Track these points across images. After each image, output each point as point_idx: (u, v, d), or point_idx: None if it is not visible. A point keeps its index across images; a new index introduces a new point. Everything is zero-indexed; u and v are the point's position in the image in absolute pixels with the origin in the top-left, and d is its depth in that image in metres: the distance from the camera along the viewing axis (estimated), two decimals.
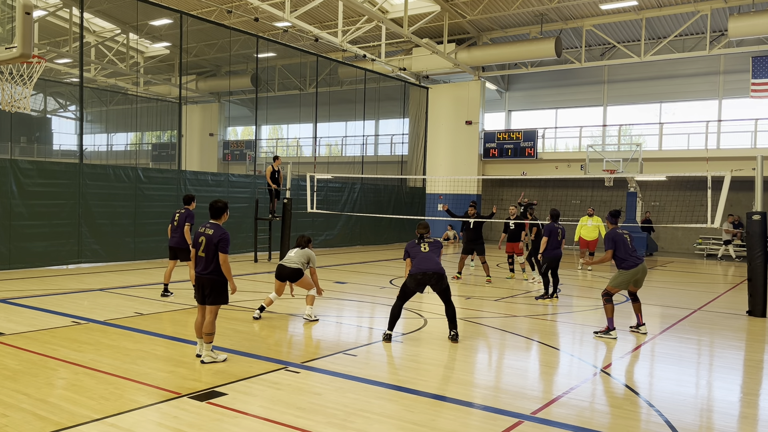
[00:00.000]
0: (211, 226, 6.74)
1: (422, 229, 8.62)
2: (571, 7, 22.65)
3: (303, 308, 10.12)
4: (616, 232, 8.75)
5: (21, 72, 8.63)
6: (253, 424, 4.87)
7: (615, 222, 8.93)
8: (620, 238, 8.68)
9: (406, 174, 27.10)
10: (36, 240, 13.71)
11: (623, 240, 8.69)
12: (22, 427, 4.66)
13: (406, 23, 21.05)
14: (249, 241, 17.91)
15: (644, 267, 8.70)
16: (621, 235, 8.72)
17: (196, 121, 33.97)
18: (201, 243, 6.66)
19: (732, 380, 6.78)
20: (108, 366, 6.31)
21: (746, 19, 19.51)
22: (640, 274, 8.66)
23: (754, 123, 22.75)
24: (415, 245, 8.42)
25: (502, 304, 11.18)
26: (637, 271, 8.62)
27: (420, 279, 8.04)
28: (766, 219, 10.59)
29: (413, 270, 8.15)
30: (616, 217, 8.99)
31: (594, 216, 17.42)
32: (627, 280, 8.66)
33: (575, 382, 6.48)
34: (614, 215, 9.00)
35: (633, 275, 8.62)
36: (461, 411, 5.38)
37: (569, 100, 27.37)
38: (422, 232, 8.59)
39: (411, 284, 8.11)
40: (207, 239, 6.63)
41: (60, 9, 26.66)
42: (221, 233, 6.64)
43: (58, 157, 31.73)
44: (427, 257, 8.22)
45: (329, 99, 25.40)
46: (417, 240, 8.49)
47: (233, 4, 22.95)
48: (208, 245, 6.61)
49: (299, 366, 6.55)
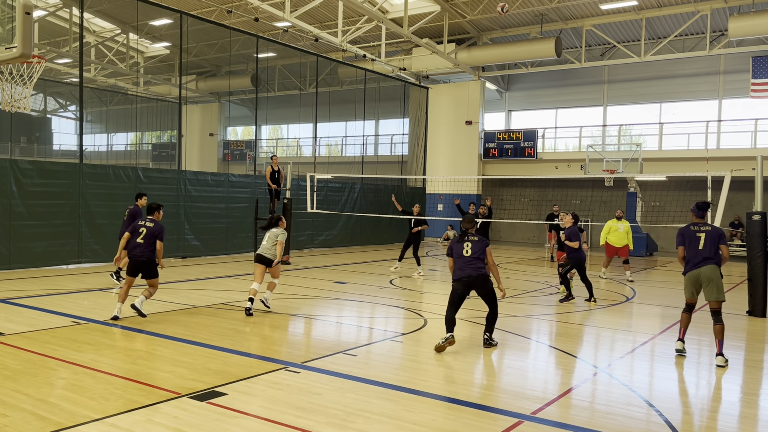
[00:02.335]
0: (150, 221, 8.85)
1: (467, 224, 8.00)
2: (571, 7, 22.65)
3: (300, 307, 10.13)
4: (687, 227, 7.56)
5: (21, 72, 8.63)
6: (253, 424, 4.87)
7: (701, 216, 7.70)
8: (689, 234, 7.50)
9: (406, 174, 27.11)
10: (36, 240, 13.71)
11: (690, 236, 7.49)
12: (22, 427, 4.66)
13: (406, 23, 21.05)
14: (249, 241, 17.91)
15: (701, 272, 7.35)
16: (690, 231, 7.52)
17: (196, 121, 33.97)
18: (142, 232, 8.73)
19: (732, 380, 6.78)
20: (108, 366, 6.31)
21: (746, 19, 19.51)
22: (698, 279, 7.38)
23: (754, 123, 22.76)
24: (458, 244, 7.83)
25: (502, 304, 11.17)
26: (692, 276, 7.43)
27: (465, 282, 7.61)
28: (766, 219, 10.59)
29: (455, 275, 7.72)
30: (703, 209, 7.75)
31: (623, 219, 15.18)
32: (685, 285, 7.61)
33: (575, 382, 6.48)
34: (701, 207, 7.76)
35: (688, 280, 7.51)
36: (461, 411, 5.38)
37: (569, 100, 27.37)
38: (467, 227, 7.97)
39: (458, 289, 7.67)
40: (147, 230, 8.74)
41: (60, 9, 26.66)
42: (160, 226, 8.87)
43: (58, 157, 31.73)
44: (468, 262, 7.66)
45: (329, 99, 25.40)
46: (461, 237, 7.89)
47: (233, 4, 22.95)
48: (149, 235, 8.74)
49: (299, 366, 6.55)
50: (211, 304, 10.10)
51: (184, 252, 16.93)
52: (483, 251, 7.71)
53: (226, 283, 12.55)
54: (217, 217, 17.99)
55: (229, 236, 18.29)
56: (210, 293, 10.96)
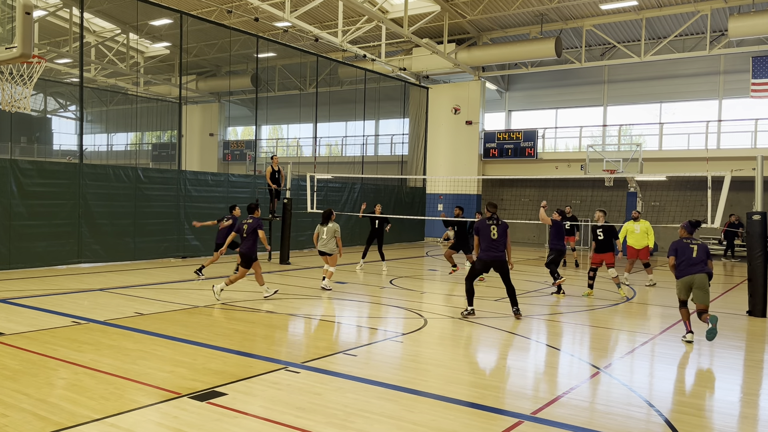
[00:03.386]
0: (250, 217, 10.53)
1: (492, 208, 9.46)
2: (571, 7, 22.65)
3: (300, 307, 10.14)
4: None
5: (21, 72, 8.62)
6: (253, 424, 4.87)
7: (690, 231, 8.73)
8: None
9: (406, 174, 27.10)
10: (36, 240, 13.71)
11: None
12: (22, 427, 4.66)
13: (406, 23, 21.04)
14: None
15: (695, 278, 8.40)
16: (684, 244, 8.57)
17: (196, 121, 33.97)
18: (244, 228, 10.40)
19: (732, 380, 6.78)
20: (108, 366, 6.31)
21: (746, 19, 19.51)
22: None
23: (754, 123, 22.75)
24: (486, 225, 9.29)
25: (502, 304, 11.17)
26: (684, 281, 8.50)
27: (487, 263, 9.37)
28: (766, 219, 10.59)
29: (481, 255, 9.39)
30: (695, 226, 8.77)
31: (640, 219, 14.68)
32: (679, 287, 8.63)
33: (575, 382, 6.48)
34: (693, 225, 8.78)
35: (682, 284, 8.56)
36: (461, 411, 5.38)
37: (569, 100, 27.36)
38: (492, 211, 9.43)
39: (479, 266, 9.47)
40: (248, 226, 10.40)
41: (60, 9, 26.66)
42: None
43: (58, 157, 31.73)
44: (494, 244, 9.28)
45: (329, 99, 25.40)
46: (488, 219, 9.34)
47: (233, 4, 22.95)
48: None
49: (299, 366, 6.55)
50: (211, 304, 10.11)
51: (184, 252, 16.93)
52: (505, 234, 9.39)
53: None
54: (218, 217, 17.94)
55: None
56: (210, 293, 10.96)
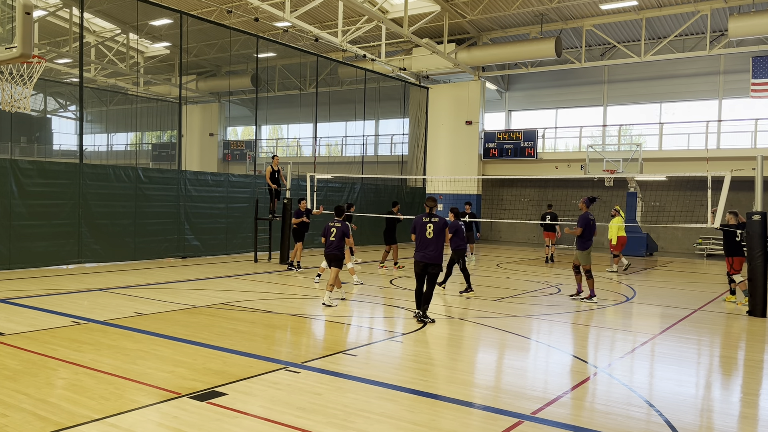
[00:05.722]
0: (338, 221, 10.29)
1: (431, 203, 8.81)
2: (571, 7, 22.65)
3: (300, 307, 10.17)
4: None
5: (21, 72, 8.62)
6: (253, 424, 4.87)
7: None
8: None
9: (406, 174, 27.10)
10: (36, 240, 13.71)
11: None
12: (22, 427, 4.66)
13: (406, 23, 21.04)
14: (249, 242, 17.91)
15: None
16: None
17: (196, 121, 33.98)
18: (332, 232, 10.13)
19: (732, 380, 6.78)
20: (108, 366, 6.31)
21: (746, 19, 19.51)
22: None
23: (754, 123, 22.75)
24: (422, 223, 8.73)
25: (502, 304, 11.18)
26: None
27: (421, 265, 8.81)
28: (766, 219, 10.59)
29: (415, 256, 8.85)
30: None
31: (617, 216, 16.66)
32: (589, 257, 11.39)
33: (575, 382, 6.48)
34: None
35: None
36: (461, 411, 5.38)
37: (569, 100, 27.37)
38: (430, 205, 8.79)
39: (416, 269, 8.88)
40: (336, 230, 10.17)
41: (60, 9, 26.66)
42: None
43: (58, 157, 31.73)
44: (428, 243, 8.64)
45: (329, 99, 25.40)
46: (425, 215, 8.75)
47: (233, 4, 22.95)
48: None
49: (299, 366, 6.55)
50: (211, 304, 10.10)
51: (184, 252, 16.93)
52: (442, 233, 8.73)
53: (226, 283, 12.55)
54: (217, 217, 17.99)
55: (229, 236, 18.29)
56: (210, 293, 10.97)
